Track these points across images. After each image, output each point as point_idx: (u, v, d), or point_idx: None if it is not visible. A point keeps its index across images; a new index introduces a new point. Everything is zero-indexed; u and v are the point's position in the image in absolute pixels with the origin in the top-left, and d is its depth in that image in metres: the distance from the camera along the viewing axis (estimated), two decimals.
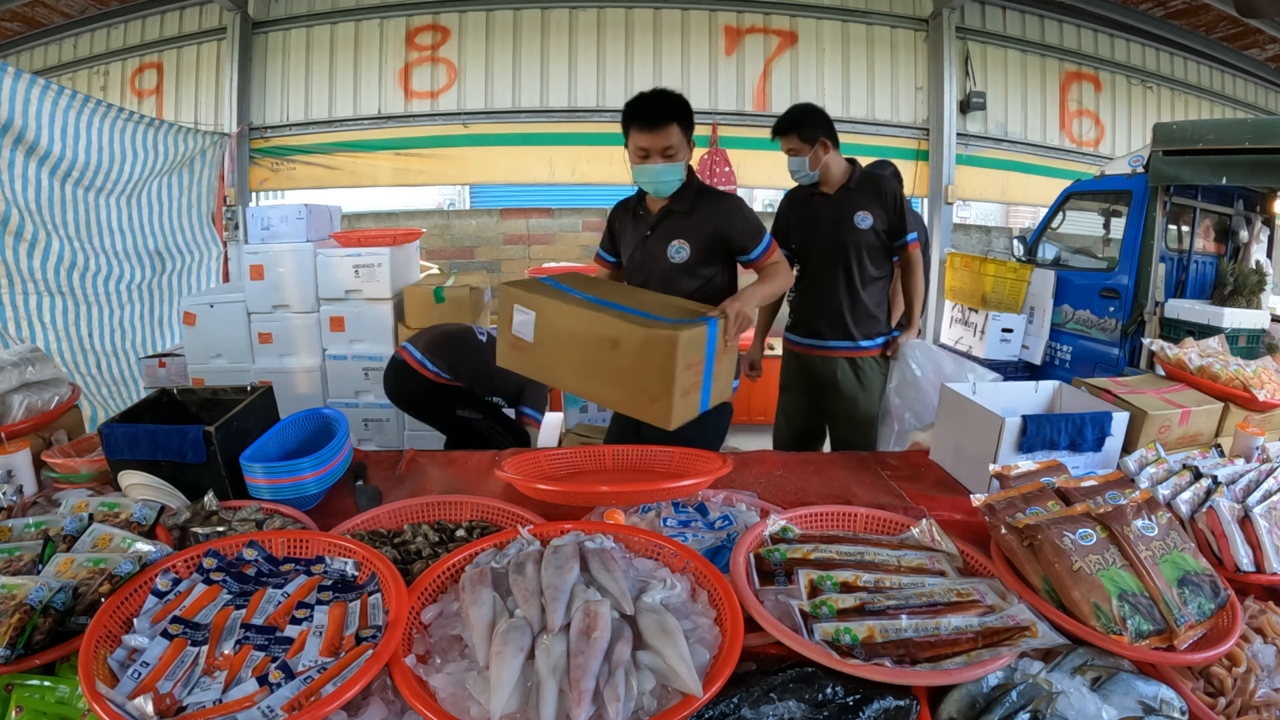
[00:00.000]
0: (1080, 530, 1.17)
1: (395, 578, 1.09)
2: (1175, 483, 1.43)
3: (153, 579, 1.10)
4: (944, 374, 2.34)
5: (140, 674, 0.93)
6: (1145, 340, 3.52)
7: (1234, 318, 3.52)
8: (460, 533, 1.36)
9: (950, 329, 4.93)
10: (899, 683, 0.96)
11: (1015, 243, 4.83)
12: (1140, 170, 3.84)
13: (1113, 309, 3.94)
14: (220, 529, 1.33)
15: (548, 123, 5.69)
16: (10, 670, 1.00)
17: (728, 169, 5.60)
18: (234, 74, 5.58)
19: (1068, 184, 4.57)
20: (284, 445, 1.67)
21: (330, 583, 1.12)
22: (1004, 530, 1.22)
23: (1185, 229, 3.99)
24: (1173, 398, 1.78)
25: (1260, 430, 1.61)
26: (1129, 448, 1.65)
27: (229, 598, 1.08)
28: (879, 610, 1.08)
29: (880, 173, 2.68)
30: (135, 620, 1.04)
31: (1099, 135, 6.39)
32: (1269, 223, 4.10)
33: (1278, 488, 1.40)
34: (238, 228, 5.21)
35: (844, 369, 2.49)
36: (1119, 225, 4.03)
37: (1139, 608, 1.08)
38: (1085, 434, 1.60)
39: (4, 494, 1.42)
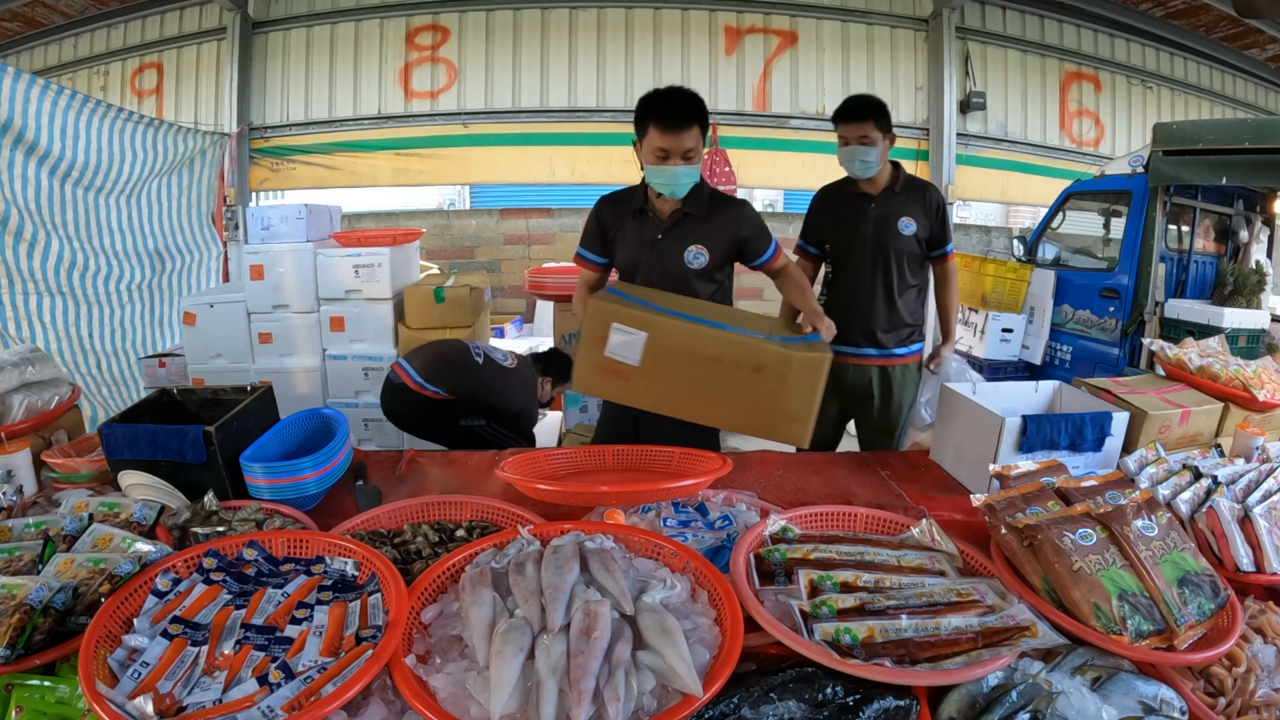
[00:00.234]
0: (1080, 530, 1.17)
1: (395, 578, 1.09)
2: (1175, 483, 1.43)
3: (153, 579, 1.10)
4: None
5: (140, 674, 0.94)
6: (1145, 340, 3.52)
7: (1234, 318, 3.52)
8: (460, 533, 1.36)
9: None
10: (899, 683, 0.96)
11: (1015, 243, 4.82)
12: (1140, 170, 3.84)
13: (1113, 309, 3.94)
14: (220, 529, 1.33)
15: (548, 123, 5.69)
16: (10, 670, 1.00)
17: (728, 169, 5.60)
18: (234, 74, 5.58)
19: (1068, 184, 4.57)
20: (284, 445, 1.67)
21: (330, 583, 1.12)
22: (1004, 530, 1.22)
23: (1185, 229, 3.99)
24: (1173, 398, 1.78)
25: (1260, 430, 1.61)
26: (1129, 448, 1.65)
27: (229, 598, 1.08)
28: (879, 610, 1.08)
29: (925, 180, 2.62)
30: (135, 620, 1.04)
31: (1099, 135, 6.38)
32: (1269, 223, 4.09)
33: (1278, 488, 1.40)
34: (238, 228, 5.21)
35: (878, 378, 2.40)
36: (1119, 225, 4.03)
37: (1139, 608, 1.08)
38: (1085, 434, 1.60)
39: (4, 494, 1.42)
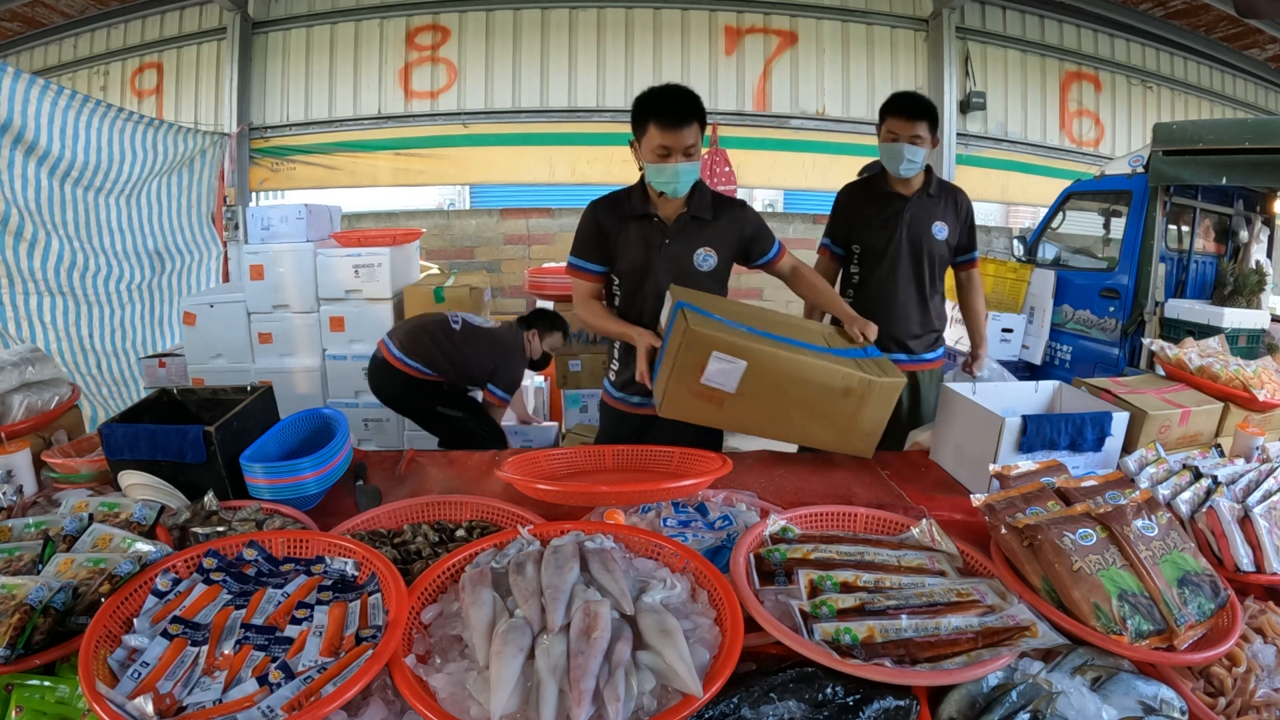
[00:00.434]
0: (1080, 530, 1.17)
1: (395, 578, 1.09)
2: (1175, 483, 1.43)
3: (153, 579, 1.10)
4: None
5: (140, 674, 0.93)
6: (1145, 340, 3.52)
7: (1234, 318, 3.52)
8: (460, 533, 1.36)
9: (950, 329, 4.91)
10: (899, 683, 0.96)
11: (1015, 243, 4.82)
12: (1140, 170, 3.84)
13: (1113, 309, 3.94)
14: (220, 529, 1.33)
15: (547, 123, 5.69)
16: (10, 670, 1.00)
17: (728, 169, 5.60)
18: (234, 74, 5.58)
19: (1068, 184, 4.57)
20: (284, 445, 1.67)
21: (330, 583, 1.12)
22: (1004, 530, 1.22)
23: (1185, 229, 3.99)
24: (1173, 398, 1.77)
25: (1260, 430, 1.61)
26: (1129, 448, 1.65)
27: (229, 598, 1.08)
28: (879, 610, 1.08)
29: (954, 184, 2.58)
30: (135, 620, 1.04)
31: (1099, 135, 6.39)
32: (1269, 223, 4.10)
33: (1278, 488, 1.40)
34: (238, 228, 5.21)
35: (907, 385, 2.32)
36: (1119, 225, 4.03)
37: (1139, 608, 1.08)
38: (1085, 434, 1.60)
39: (4, 494, 1.42)
